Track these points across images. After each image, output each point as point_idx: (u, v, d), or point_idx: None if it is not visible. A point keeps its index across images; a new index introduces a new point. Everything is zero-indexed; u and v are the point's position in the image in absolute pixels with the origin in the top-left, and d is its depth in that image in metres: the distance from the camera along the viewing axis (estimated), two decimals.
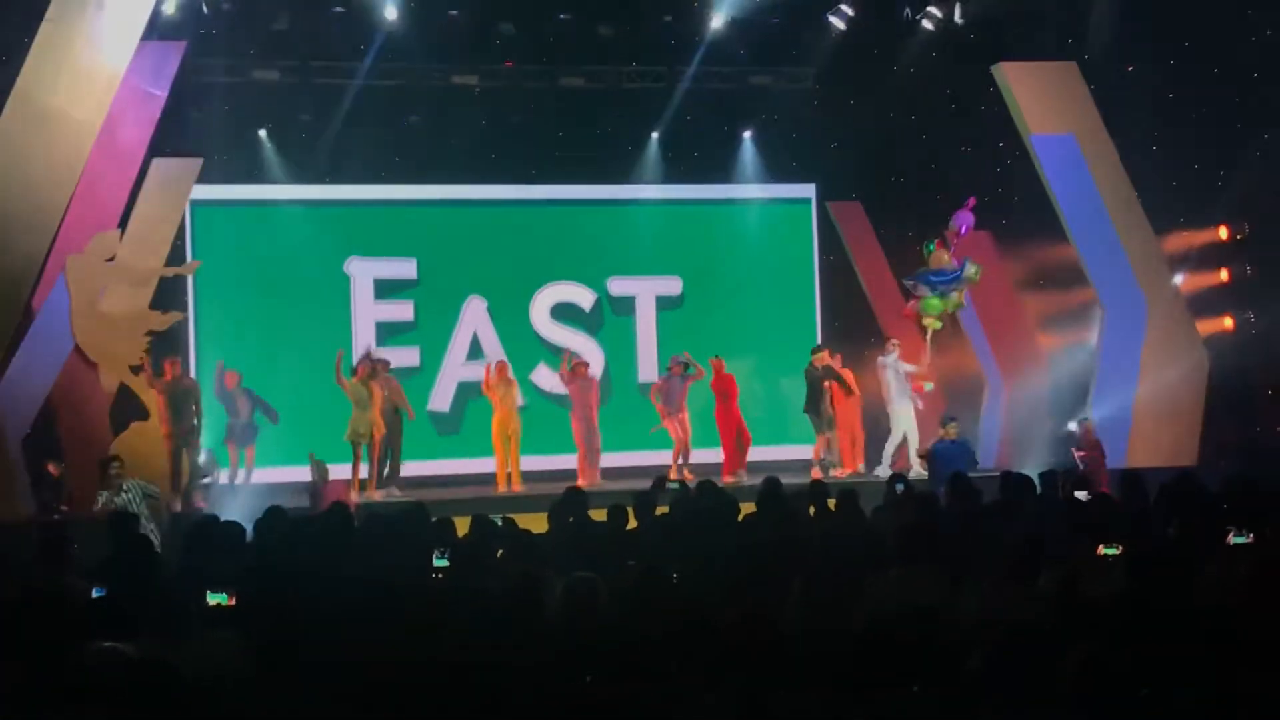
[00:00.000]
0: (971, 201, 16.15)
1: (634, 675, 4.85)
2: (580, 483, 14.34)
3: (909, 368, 16.48)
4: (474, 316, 18.96)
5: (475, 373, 17.15)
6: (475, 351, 18.71)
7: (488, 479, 16.44)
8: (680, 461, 16.52)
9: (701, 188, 20.17)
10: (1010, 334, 17.76)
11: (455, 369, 18.77)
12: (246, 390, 16.75)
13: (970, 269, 15.99)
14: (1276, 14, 15.09)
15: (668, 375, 16.93)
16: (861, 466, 16.96)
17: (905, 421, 16.40)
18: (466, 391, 18.38)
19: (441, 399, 18.74)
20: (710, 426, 16.86)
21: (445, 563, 7.42)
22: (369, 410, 15.28)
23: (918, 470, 15.29)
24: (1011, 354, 17.65)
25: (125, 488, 11.85)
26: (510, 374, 16.49)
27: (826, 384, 16.69)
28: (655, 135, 19.76)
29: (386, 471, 15.75)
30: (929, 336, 16.37)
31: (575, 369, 16.63)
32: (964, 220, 16.07)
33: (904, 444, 16.41)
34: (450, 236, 19.07)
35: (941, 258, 16.06)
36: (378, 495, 15.11)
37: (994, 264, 17.68)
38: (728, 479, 15.76)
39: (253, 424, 16.77)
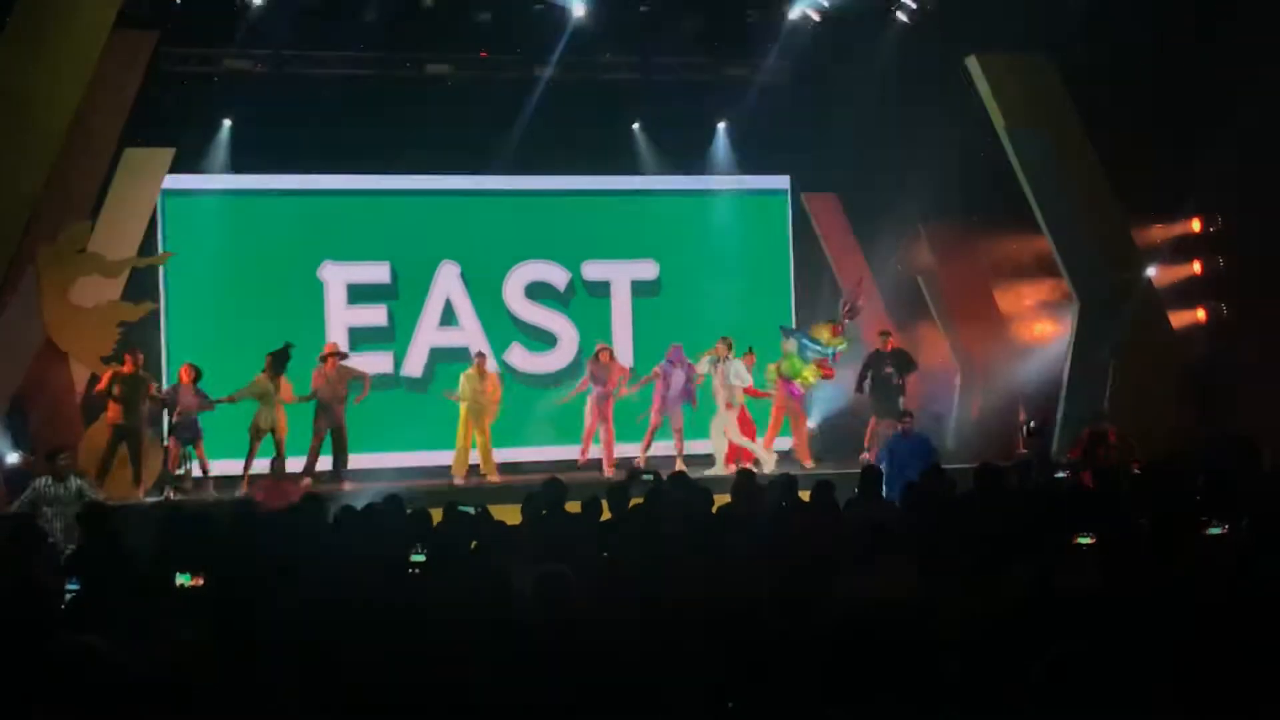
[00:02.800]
0: (861, 281, 17.13)
1: (605, 670, 4.82)
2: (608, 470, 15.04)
3: (745, 379, 16.42)
4: (447, 282, 18.86)
5: (449, 338, 17.10)
6: (449, 318, 18.62)
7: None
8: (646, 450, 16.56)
9: (676, 179, 20.09)
10: (982, 326, 17.80)
11: (429, 334, 18.72)
12: (198, 389, 16.24)
13: (839, 348, 16.63)
14: (1246, 5, 15.12)
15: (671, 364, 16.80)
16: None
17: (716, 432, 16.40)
18: (438, 357, 18.37)
19: (415, 364, 18.64)
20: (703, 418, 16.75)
21: (422, 558, 7.36)
22: (273, 405, 15.31)
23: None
24: (983, 346, 17.70)
25: (66, 484, 11.61)
26: (489, 365, 16.52)
27: (889, 369, 16.62)
28: (636, 126, 19.72)
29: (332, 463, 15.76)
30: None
31: (599, 355, 16.80)
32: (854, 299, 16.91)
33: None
34: (425, 227, 18.95)
35: (823, 333, 16.58)
36: (346, 486, 15.06)
37: (966, 256, 17.73)
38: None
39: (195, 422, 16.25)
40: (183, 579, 6.68)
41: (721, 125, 20.00)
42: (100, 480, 13.67)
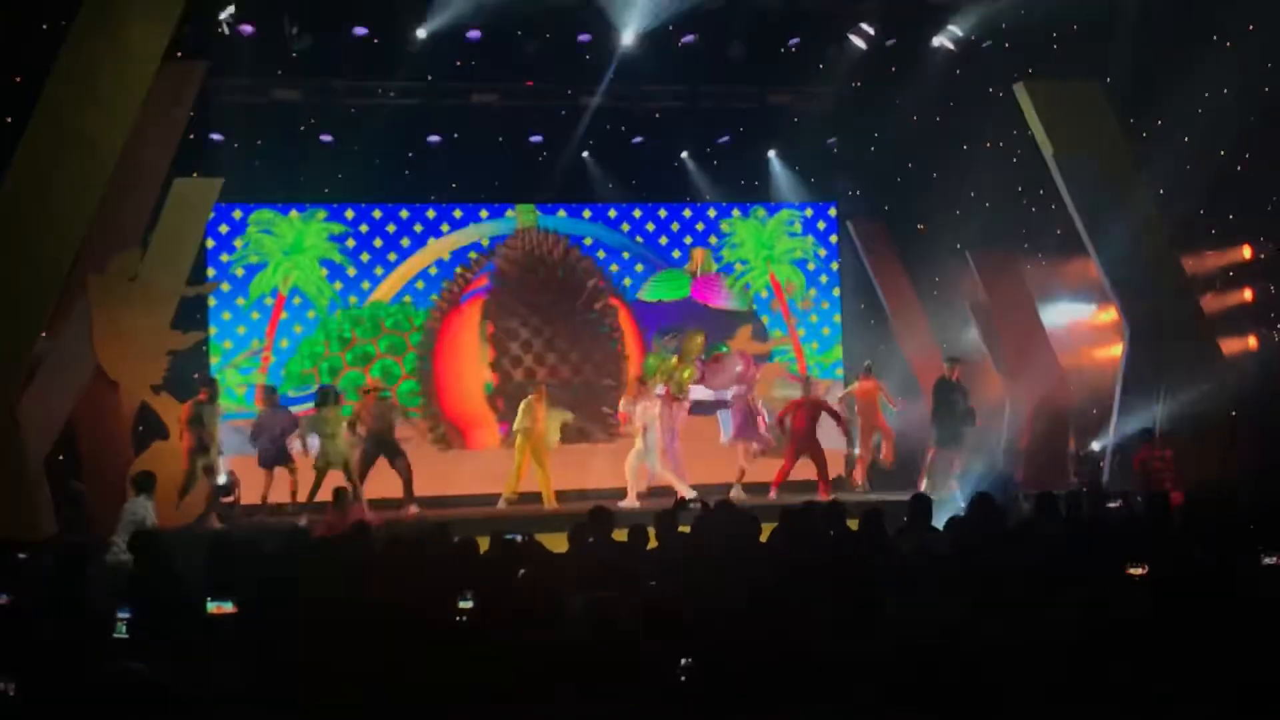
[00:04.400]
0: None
1: (653, 696, 4.82)
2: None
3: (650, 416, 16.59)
4: None
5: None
6: None
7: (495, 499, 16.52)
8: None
9: (724, 207, 20.15)
10: (1030, 353, 17.68)
11: None
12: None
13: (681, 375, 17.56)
14: None
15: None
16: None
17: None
18: None
19: None
20: None
21: (470, 604, 7.27)
22: (335, 438, 15.51)
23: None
24: (1031, 373, 17.58)
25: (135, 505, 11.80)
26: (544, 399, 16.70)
27: (956, 396, 16.60)
28: (684, 155, 19.83)
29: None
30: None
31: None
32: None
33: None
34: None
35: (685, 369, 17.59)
36: (412, 511, 15.23)
37: (1014, 283, 17.65)
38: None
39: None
40: (212, 606, 6.71)
41: (771, 154, 20.00)
42: (178, 506, 14.05)
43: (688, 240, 19.92)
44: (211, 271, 18.15)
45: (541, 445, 16.55)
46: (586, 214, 19.71)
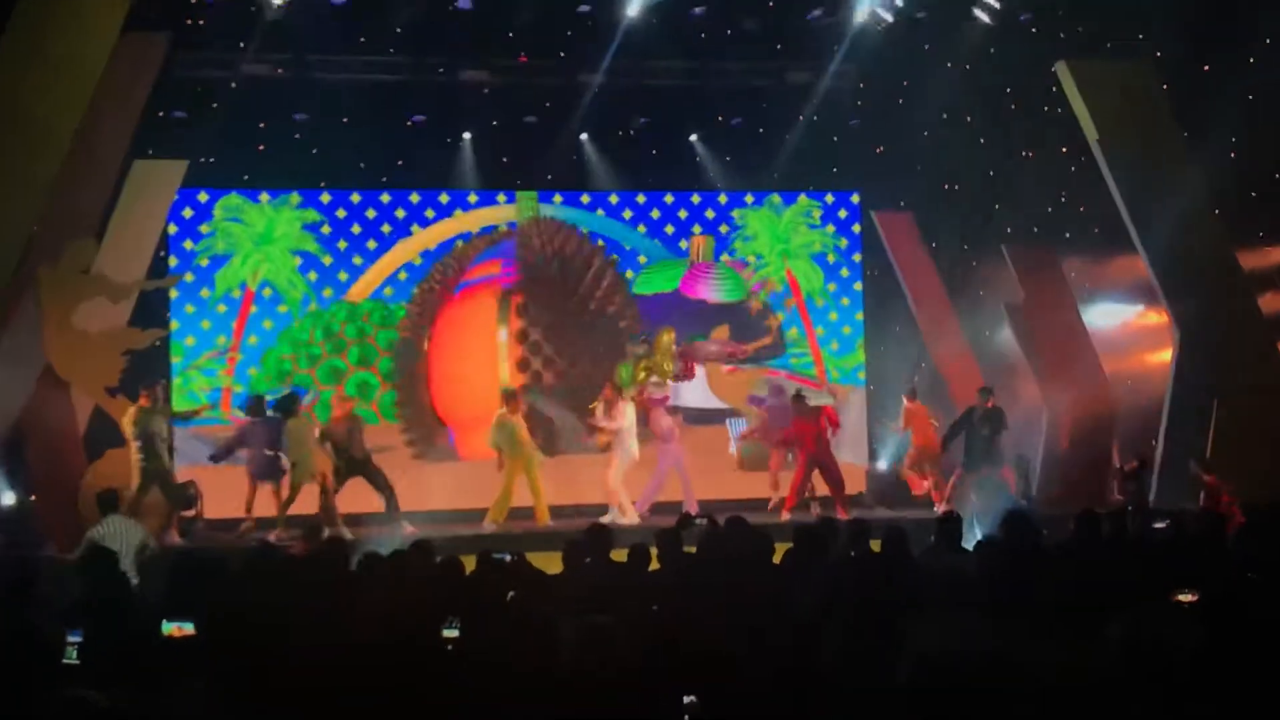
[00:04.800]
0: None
1: None
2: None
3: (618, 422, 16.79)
4: None
5: None
6: None
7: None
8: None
9: (736, 194, 20.15)
10: (1072, 358, 17.68)
11: None
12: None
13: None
14: None
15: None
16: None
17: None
18: None
19: None
20: None
21: (455, 633, 7.28)
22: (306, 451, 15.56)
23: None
24: (1073, 379, 17.57)
25: (109, 527, 11.58)
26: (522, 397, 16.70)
27: (985, 431, 16.63)
28: (694, 138, 19.85)
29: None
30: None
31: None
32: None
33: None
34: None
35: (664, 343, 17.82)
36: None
37: (1054, 281, 17.65)
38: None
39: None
40: (170, 627, 6.73)
41: (787, 136, 20.00)
42: None
43: (696, 230, 19.93)
44: (174, 260, 18.11)
45: (532, 458, 16.55)
46: (585, 199, 19.69)
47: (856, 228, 20.32)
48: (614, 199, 19.79)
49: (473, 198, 19.38)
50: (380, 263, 19.03)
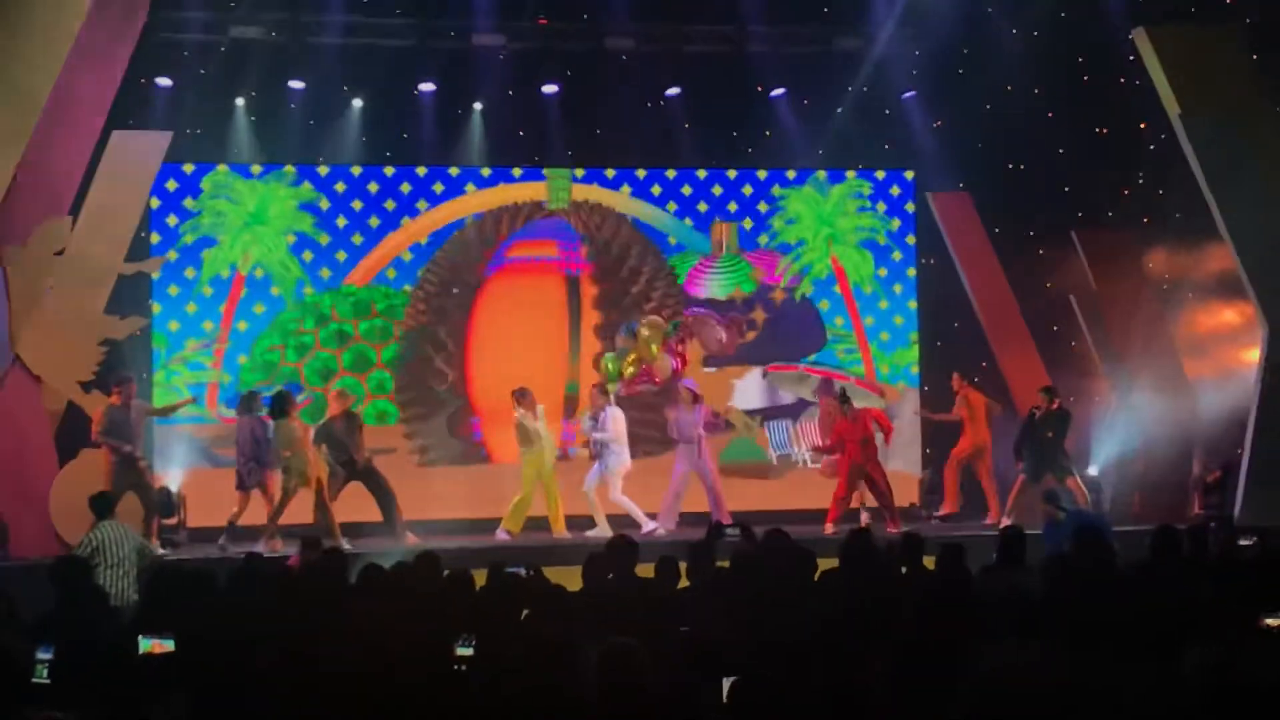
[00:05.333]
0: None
1: None
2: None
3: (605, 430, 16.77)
4: None
5: None
6: None
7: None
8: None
9: (777, 172, 20.12)
10: (1148, 356, 17.64)
11: None
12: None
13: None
14: None
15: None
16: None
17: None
18: None
19: None
20: None
21: (470, 650, 7.29)
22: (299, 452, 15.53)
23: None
24: (1149, 380, 17.53)
25: (103, 534, 11.59)
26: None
27: (1050, 434, 16.58)
28: (720, 106, 19.79)
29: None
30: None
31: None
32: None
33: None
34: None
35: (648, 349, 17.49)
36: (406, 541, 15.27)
37: (1130, 270, 17.60)
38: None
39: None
40: (147, 644, 6.77)
41: (839, 110, 19.90)
42: None
43: (732, 207, 19.89)
44: (156, 237, 18.11)
45: (549, 462, 16.61)
46: (610, 173, 19.69)
47: (910, 207, 20.26)
48: (641, 173, 19.78)
49: (486, 171, 19.38)
50: (383, 244, 19.04)
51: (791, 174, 20.11)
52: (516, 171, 19.51)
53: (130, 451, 14.90)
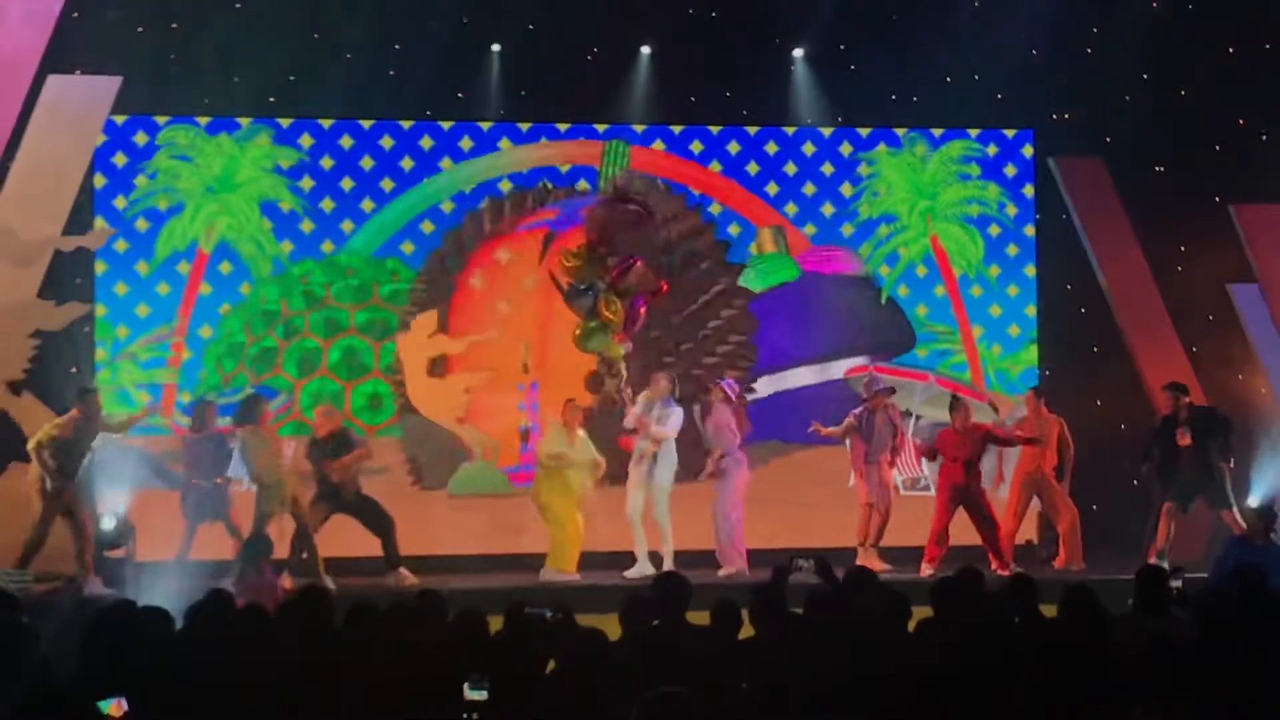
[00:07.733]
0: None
1: None
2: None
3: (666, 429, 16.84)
4: None
5: None
6: None
7: (524, 561, 16.65)
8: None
9: (867, 131, 20.09)
10: None
11: None
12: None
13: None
14: None
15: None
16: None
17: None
18: None
19: None
20: None
21: (482, 694, 7.34)
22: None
23: None
24: None
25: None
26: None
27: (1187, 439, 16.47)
28: (798, 54, 19.73)
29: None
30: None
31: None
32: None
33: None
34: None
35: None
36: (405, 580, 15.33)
37: None
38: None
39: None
40: (106, 705, 6.76)
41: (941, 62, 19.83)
42: (24, 566, 14.09)
43: (790, 170, 19.80)
44: (100, 222, 18.10)
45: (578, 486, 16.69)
46: (638, 128, 19.70)
47: (1028, 189, 20.21)
48: (677, 129, 19.77)
49: (505, 142, 19.42)
50: (378, 217, 19.12)
51: (882, 146, 20.10)
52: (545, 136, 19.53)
53: (59, 487, 14.88)
